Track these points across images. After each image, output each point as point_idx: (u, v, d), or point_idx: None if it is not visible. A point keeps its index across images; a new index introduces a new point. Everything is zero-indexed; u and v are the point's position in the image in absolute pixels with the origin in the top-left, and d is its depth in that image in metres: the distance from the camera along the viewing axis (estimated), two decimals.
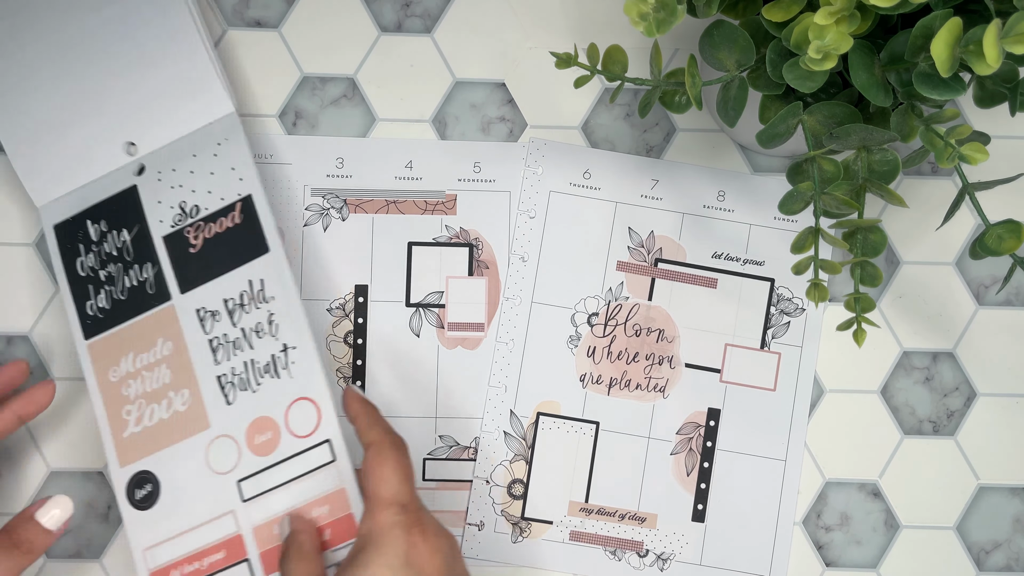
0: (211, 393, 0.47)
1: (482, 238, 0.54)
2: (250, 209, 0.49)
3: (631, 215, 0.54)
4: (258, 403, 0.47)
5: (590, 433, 0.53)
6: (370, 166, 0.54)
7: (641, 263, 0.53)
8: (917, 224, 0.54)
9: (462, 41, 0.54)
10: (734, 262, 0.53)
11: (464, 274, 0.54)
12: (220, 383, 0.47)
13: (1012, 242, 0.40)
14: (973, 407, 0.54)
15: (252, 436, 0.47)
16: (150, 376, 0.48)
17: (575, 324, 0.53)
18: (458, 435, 0.53)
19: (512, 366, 0.53)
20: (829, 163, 0.41)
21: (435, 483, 0.53)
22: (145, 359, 0.48)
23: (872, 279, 0.42)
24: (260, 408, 0.47)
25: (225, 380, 0.47)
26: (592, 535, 0.53)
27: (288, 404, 0.47)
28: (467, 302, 0.53)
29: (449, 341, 0.53)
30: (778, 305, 0.53)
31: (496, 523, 0.53)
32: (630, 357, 0.53)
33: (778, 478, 0.53)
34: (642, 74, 0.54)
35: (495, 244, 0.54)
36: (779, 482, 0.53)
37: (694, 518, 0.53)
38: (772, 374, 0.53)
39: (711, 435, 0.53)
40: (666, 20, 0.36)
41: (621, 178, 0.54)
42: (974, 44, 0.33)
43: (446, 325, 0.53)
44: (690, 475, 0.53)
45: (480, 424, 0.53)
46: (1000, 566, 0.53)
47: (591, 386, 0.53)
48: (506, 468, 0.53)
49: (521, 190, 0.54)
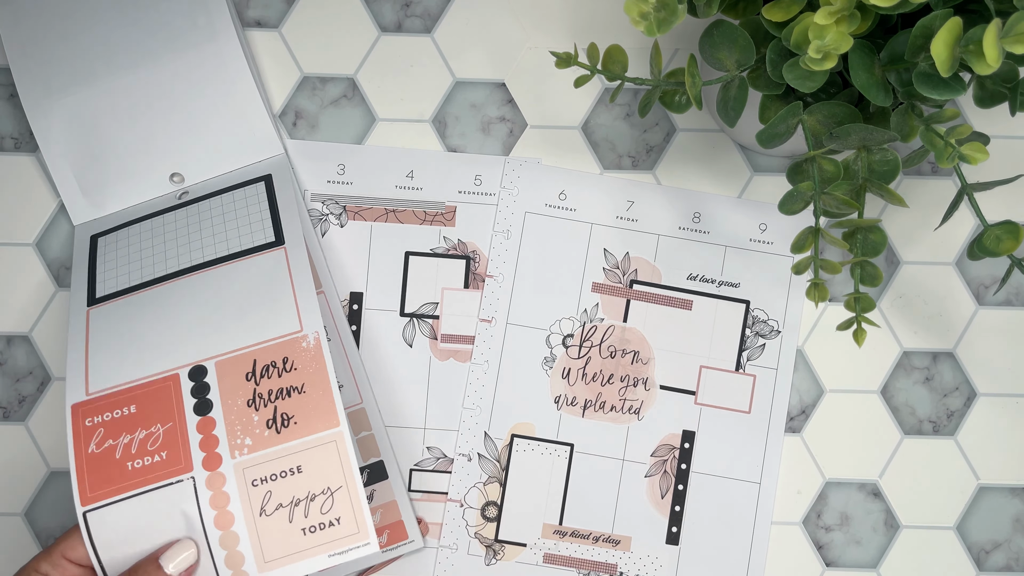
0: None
1: (479, 251, 0.54)
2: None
3: (606, 236, 0.53)
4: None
5: (564, 455, 0.53)
6: (371, 173, 0.54)
7: (616, 284, 0.53)
8: (917, 224, 0.54)
9: (462, 41, 0.54)
10: (709, 284, 0.53)
11: (460, 286, 0.54)
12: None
13: (1010, 243, 0.40)
14: (973, 407, 0.54)
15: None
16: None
17: (550, 345, 0.53)
18: (446, 447, 0.53)
19: (487, 387, 0.53)
20: (829, 163, 0.41)
21: (420, 494, 0.53)
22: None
23: (872, 279, 0.42)
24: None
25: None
26: (566, 558, 0.52)
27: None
28: (461, 315, 0.53)
29: (441, 353, 0.53)
30: (753, 327, 0.53)
31: (469, 545, 0.52)
32: (605, 379, 0.53)
33: (752, 501, 0.53)
34: (642, 74, 0.54)
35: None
36: (753, 505, 0.53)
37: (668, 541, 0.53)
38: (747, 396, 0.53)
39: (686, 457, 0.53)
40: (666, 20, 0.36)
41: (596, 199, 0.54)
42: (974, 44, 0.33)
43: (439, 336, 0.53)
44: (664, 497, 0.53)
45: (455, 446, 0.53)
46: (1000, 566, 0.53)
47: (566, 408, 0.53)
48: (480, 490, 0.53)
49: (497, 210, 0.54)
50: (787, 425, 0.53)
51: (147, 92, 0.52)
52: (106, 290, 0.49)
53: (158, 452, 0.45)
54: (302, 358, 0.46)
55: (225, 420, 0.45)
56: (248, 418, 0.45)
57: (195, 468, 0.44)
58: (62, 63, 0.52)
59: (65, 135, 0.52)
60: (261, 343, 0.46)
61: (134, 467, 0.44)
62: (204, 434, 0.45)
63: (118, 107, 0.52)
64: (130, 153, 0.52)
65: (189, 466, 0.44)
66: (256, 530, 0.44)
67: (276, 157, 0.53)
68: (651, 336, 0.53)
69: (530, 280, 0.53)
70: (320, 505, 0.44)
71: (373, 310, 0.53)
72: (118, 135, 0.52)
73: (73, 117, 0.52)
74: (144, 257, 0.50)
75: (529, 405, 0.53)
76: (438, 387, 0.53)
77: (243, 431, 0.45)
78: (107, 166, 0.52)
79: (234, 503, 0.44)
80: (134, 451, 0.45)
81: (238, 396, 0.45)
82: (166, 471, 0.44)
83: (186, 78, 0.52)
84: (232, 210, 0.51)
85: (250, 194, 0.51)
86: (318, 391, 0.45)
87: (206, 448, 0.45)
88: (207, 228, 0.50)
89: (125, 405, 0.46)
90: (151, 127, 0.52)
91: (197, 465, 0.44)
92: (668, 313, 0.53)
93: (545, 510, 0.53)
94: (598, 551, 0.52)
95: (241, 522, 0.44)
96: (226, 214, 0.51)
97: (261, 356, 0.46)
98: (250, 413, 0.45)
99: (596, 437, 0.53)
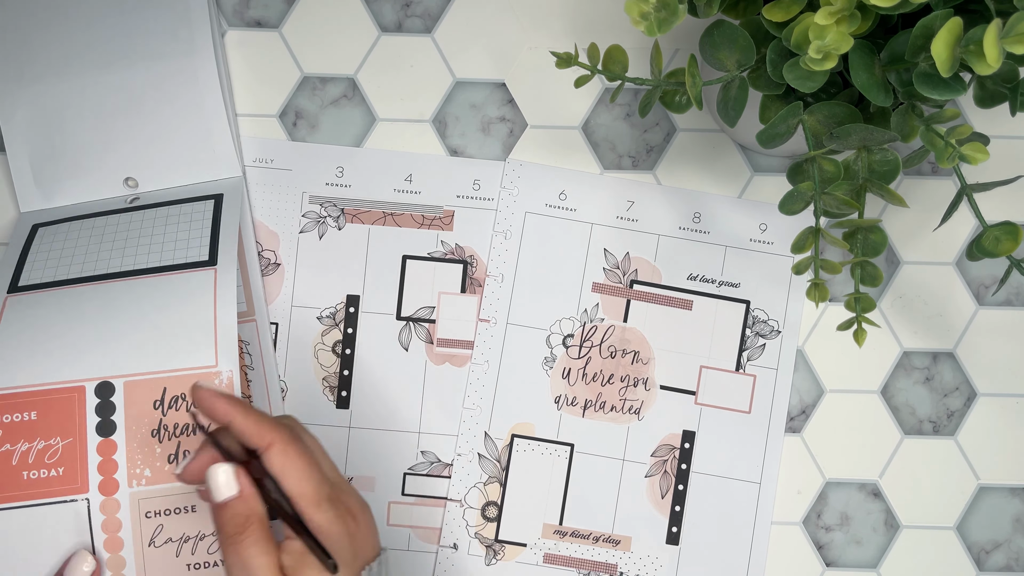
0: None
1: (477, 256, 0.54)
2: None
3: (606, 236, 0.53)
4: None
5: (564, 455, 0.53)
6: (370, 177, 0.54)
7: (616, 285, 0.53)
8: (917, 224, 0.54)
9: (462, 41, 0.54)
10: (709, 284, 0.53)
11: (457, 291, 0.54)
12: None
13: (1009, 244, 0.40)
14: (973, 407, 0.54)
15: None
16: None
17: (550, 345, 0.53)
18: (440, 452, 0.53)
19: (487, 387, 0.53)
20: (829, 163, 0.41)
21: (413, 498, 0.53)
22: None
23: (872, 279, 0.42)
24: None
25: None
26: (566, 558, 0.53)
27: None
28: (458, 319, 0.53)
29: (437, 357, 0.53)
30: (753, 327, 0.53)
31: (470, 545, 0.53)
32: (605, 379, 0.53)
33: (752, 501, 0.53)
34: (642, 74, 0.54)
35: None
36: (754, 505, 0.53)
37: (668, 540, 0.53)
38: (747, 396, 0.53)
39: (686, 457, 0.53)
40: (667, 20, 0.36)
41: (597, 199, 0.54)
42: (974, 44, 0.33)
43: (435, 341, 0.53)
44: (664, 497, 0.53)
45: (455, 446, 0.53)
46: (1000, 566, 0.53)
47: (566, 408, 0.53)
48: (480, 490, 0.53)
49: (497, 210, 0.54)
50: (787, 425, 0.53)
51: (116, 94, 0.52)
52: (30, 280, 0.48)
53: (55, 467, 0.44)
54: None
55: (127, 446, 0.44)
56: (150, 449, 0.44)
57: (91, 490, 0.44)
58: (38, 52, 0.52)
59: (28, 123, 0.52)
60: (173, 371, 0.45)
61: (29, 477, 0.44)
62: (104, 457, 0.44)
63: (85, 104, 0.52)
64: (89, 151, 0.52)
65: (85, 487, 0.44)
66: (143, 559, 0.44)
67: (232, 179, 0.53)
68: (651, 336, 0.53)
69: (530, 280, 0.53)
70: (208, 546, 0.44)
71: (369, 313, 0.53)
72: (81, 131, 0.52)
73: (39, 107, 0.52)
74: (77, 254, 0.49)
75: (529, 405, 0.53)
76: (433, 391, 0.53)
77: (143, 462, 0.44)
78: (64, 160, 0.52)
79: (125, 530, 0.44)
80: (31, 461, 0.44)
81: (143, 424, 0.44)
82: (62, 488, 0.43)
83: (157, 87, 0.52)
84: (176, 223, 0.50)
85: (196, 210, 0.51)
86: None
87: (104, 472, 0.44)
88: (146, 236, 0.50)
89: (26, 410, 0.44)
90: (114, 129, 0.52)
91: (93, 488, 0.44)
92: (668, 313, 0.53)
93: (545, 510, 0.53)
94: (598, 551, 0.52)
95: (130, 549, 0.44)
96: (168, 226, 0.50)
97: (172, 385, 0.45)
98: (153, 444, 0.44)
99: (596, 437, 0.53)
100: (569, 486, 0.53)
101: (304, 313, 0.53)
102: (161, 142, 0.52)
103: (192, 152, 0.52)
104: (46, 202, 0.52)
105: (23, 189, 0.52)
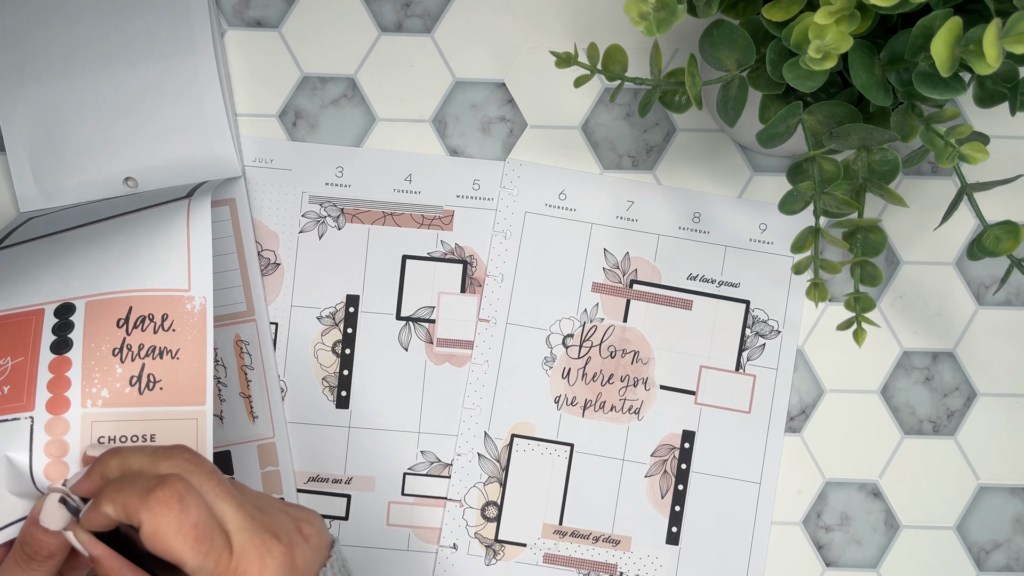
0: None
1: (477, 256, 0.54)
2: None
3: (606, 236, 0.53)
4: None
5: (564, 455, 0.53)
6: (370, 176, 0.54)
7: (616, 284, 0.53)
8: (917, 224, 0.54)
9: (462, 41, 0.54)
10: (709, 284, 0.53)
11: (457, 291, 0.54)
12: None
13: (1009, 243, 0.40)
14: (973, 407, 0.54)
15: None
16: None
17: (550, 345, 0.53)
18: (440, 452, 0.53)
19: (487, 387, 0.53)
20: (829, 163, 0.41)
21: (413, 498, 0.53)
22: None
23: (872, 279, 0.42)
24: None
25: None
26: (566, 558, 0.53)
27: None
28: (457, 319, 0.53)
29: (437, 357, 0.53)
30: (753, 327, 0.53)
31: (469, 545, 0.52)
32: (605, 379, 0.53)
33: (752, 501, 0.53)
34: (642, 74, 0.54)
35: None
36: (753, 505, 0.53)
37: (668, 541, 0.53)
38: (747, 396, 0.53)
39: (686, 457, 0.53)
40: (666, 20, 0.36)
41: (596, 199, 0.54)
42: (974, 44, 0.33)
43: (435, 341, 0.53)
44: (664, 497, 0.53)
45: (455, 446, 0.53)
46: (1000, 566, 0.53)
47: (566, 408, 0.53)
48: (480, 490, 0.53)
49: (497, 210, 0.54)
50: (787, 425, 0.53)
51: (117, 94, 0.52)
52: (11, 241, 0.47)
53: (1, 386, 0.40)
54: (183, 321, 0.41)
55: (83, 364, 0.40)
56: (110, 368, 0.40)
57: (36, 408, 0.39)
58: (38, 52, 0.52)
59: (29, 123, 0.52)
60: (141, 291, 0.41)
61: None
62: (56, 374, 0.40)
63: (86, 104, 0.52)
64: (89, 151, 0.52)
65: (31, 405, 0.39)
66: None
67: (233, 180, 0.53)
68: (651, 336, 0.53)
69: (530, 280, 0.53)
70: None
71: (369, 313, 0.53)
72: (81, 131, 0.52)
73: (40, 107, 0.52)
74: (59, 224, 0.47)
75: (529, 405, 0.53)
76: (433, 391, 0.53)
77: (101, 381, 0.40)
78: (65, 160, 0.52)
79: (72, 455, 0.39)
80: None
81: (103, 341, 0.40)
82: (4, 406, 0.39)
83: (157, 87, 0.52)
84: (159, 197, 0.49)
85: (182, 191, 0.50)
86: (192, 362, 0.41)
87: (55, 389, 0.40)
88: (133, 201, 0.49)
89: None
90: (114, 129, 0.52)
91: (40, 405, 0.39)
92: (668, 313, 0.53)
93: (545, 510, 0.53)
94: (598, 551, 0.52)
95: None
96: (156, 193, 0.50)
97: (139, 305, 0.41)
98: (114, 363, 0.40)
99: (596, 437, 0.53)
100: (569, 486, 0.53)
101: (304, 313, 0.53)
102: (161, 142, 0.52)
103: (192, 153, 0.52)
104: (46, 202, 0.52)
105: (23, 189, 0.52)
